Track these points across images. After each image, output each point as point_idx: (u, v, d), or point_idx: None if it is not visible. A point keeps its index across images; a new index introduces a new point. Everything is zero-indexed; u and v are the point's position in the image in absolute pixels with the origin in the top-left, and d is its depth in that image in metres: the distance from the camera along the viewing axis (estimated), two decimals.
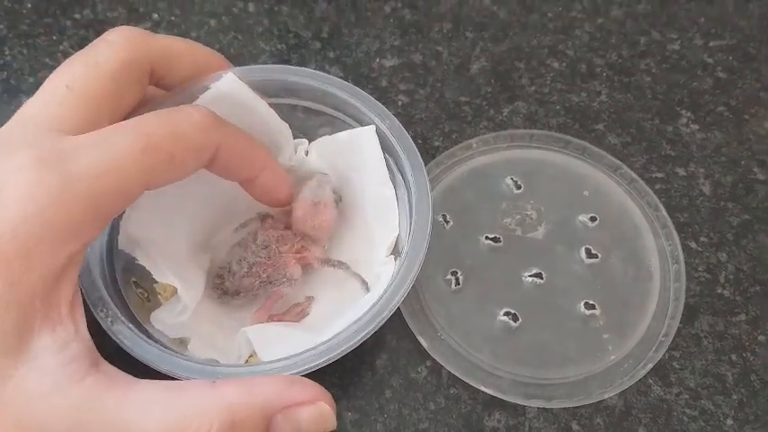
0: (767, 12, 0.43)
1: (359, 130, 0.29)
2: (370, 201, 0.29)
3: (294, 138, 0.30)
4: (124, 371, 0.21)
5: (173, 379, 0.22)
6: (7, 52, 0.39)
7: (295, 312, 0.29)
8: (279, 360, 0.23)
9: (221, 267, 0.29)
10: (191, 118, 0.22)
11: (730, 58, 0.40)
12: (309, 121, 0.30)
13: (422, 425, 0.28)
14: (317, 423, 0.20)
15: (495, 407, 0.29)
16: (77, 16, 0.41)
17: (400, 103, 0.38)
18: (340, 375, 0.29)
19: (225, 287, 0.28)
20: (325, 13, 0.42)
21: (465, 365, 0.29)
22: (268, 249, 0.28)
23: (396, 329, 0.30)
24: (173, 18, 0.41)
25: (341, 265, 0.29)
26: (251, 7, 0.42)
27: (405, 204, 0.28)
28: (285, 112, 0.29)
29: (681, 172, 0.36)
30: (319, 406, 0.20)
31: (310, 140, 0.31)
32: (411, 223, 0.26)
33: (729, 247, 0.33)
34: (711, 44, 0.41)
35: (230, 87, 0.26)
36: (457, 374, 0.29)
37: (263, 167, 0.26)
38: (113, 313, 0.23)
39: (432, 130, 0.37)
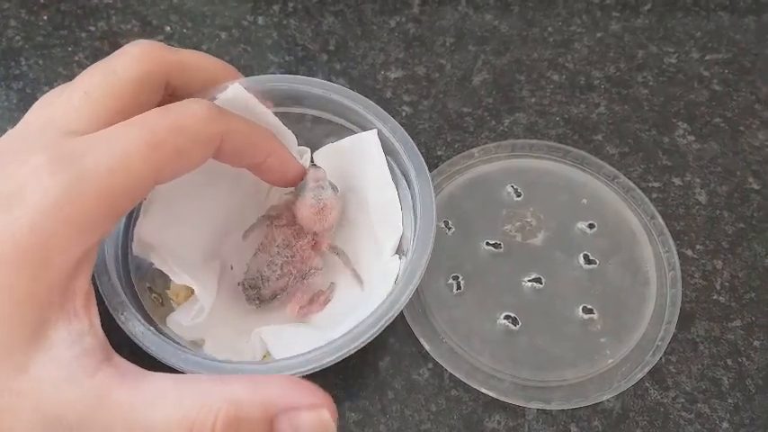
0: (762, 26, 0.43)
1: (361, 135, 0.30)
2: (374, 202, 0.30)
3: (298, 146, 0.31)
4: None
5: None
6: (24, 63, 0.40)
7: (320, 301, 0.29)
8: (287, 359, 0.23)
9: (253, 278, 0.29)
10: (193, 111, 0.23)
11: (726, 71, 0.41)
12: (315, 129, 0.31)
13: (423, 426, 0.29)
14: (316, 429, 0.20)
15: (496, 408, 0.29)
16: (92, 28, 0.42)
17: (404, 114, 0.39)
18: (344, 377, 0.30)
19: (262, 295, 0.29)
20: (331, 26, 0.43)
21: (466, 368, 0.29)
22: (290, 247, 0.29)
23: (398, 332, 0.31)
24: (185, 31, 0.42)
25: (342, 254, 0.30)
26: (260, 21, 0.43)
27: (408, 205, 0.29)
28: (291, 121, 0.30)
29: (677, 181, 0.36)
30: (321, 413, 0.20)
31: (315, 148, 0.32)
32: (415, 223, 0.27)
33: (725, 255, 0.34)
34: (707, 58, 0.42)
35: (236, 96, 0.27)
36: (458, 376, 0.29)
37: (269, 152, 0.26)
38: (131, 314, 0.24)
39: (435, 139, 0.38)
